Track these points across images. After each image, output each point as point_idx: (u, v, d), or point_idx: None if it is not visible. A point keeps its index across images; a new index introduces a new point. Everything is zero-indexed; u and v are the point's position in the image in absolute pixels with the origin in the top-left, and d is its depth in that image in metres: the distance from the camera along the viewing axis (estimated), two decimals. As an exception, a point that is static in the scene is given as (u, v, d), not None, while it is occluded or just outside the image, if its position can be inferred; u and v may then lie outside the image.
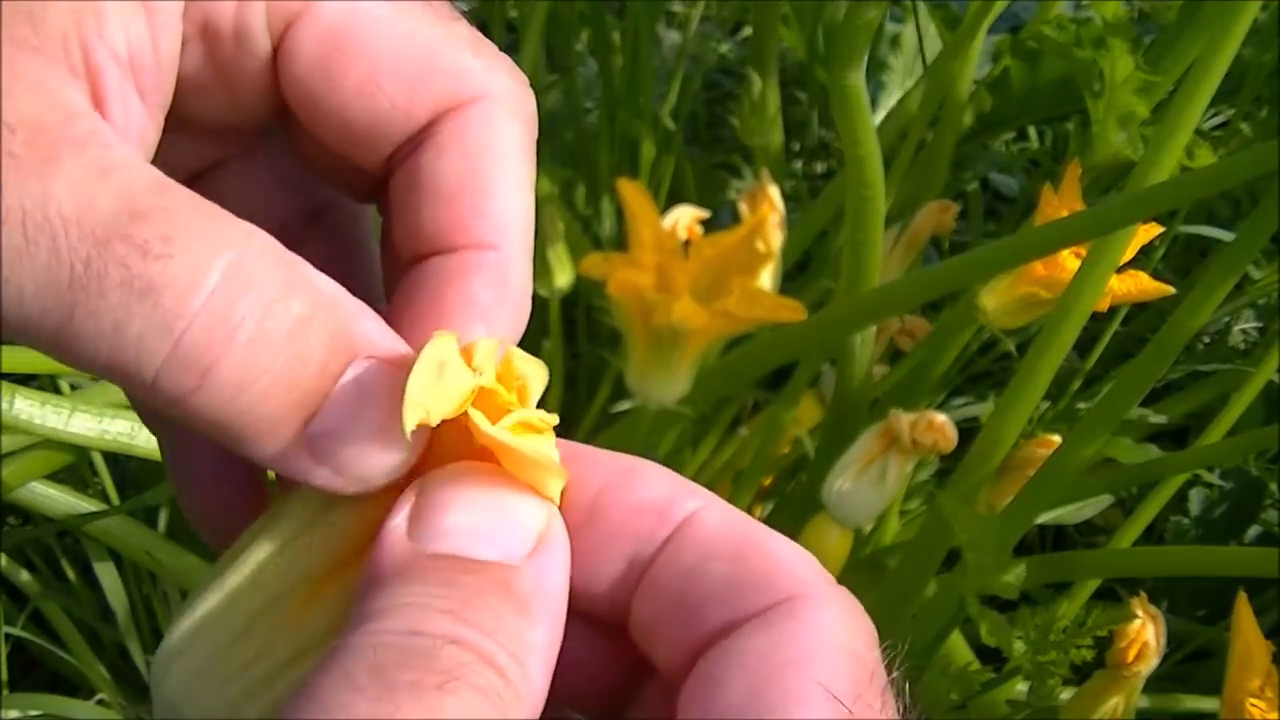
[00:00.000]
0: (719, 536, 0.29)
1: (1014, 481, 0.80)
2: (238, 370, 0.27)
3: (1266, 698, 0.67)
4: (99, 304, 0.26)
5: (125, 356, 0.26)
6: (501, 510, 0.28)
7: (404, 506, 0.29)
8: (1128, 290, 0.69)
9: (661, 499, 0.30)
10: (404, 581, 0.27)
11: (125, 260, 0.26)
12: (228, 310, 0.27)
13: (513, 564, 0.28)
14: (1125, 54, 0.72)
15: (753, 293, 0.73)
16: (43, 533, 0.88)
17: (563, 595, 0.29)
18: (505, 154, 0.32)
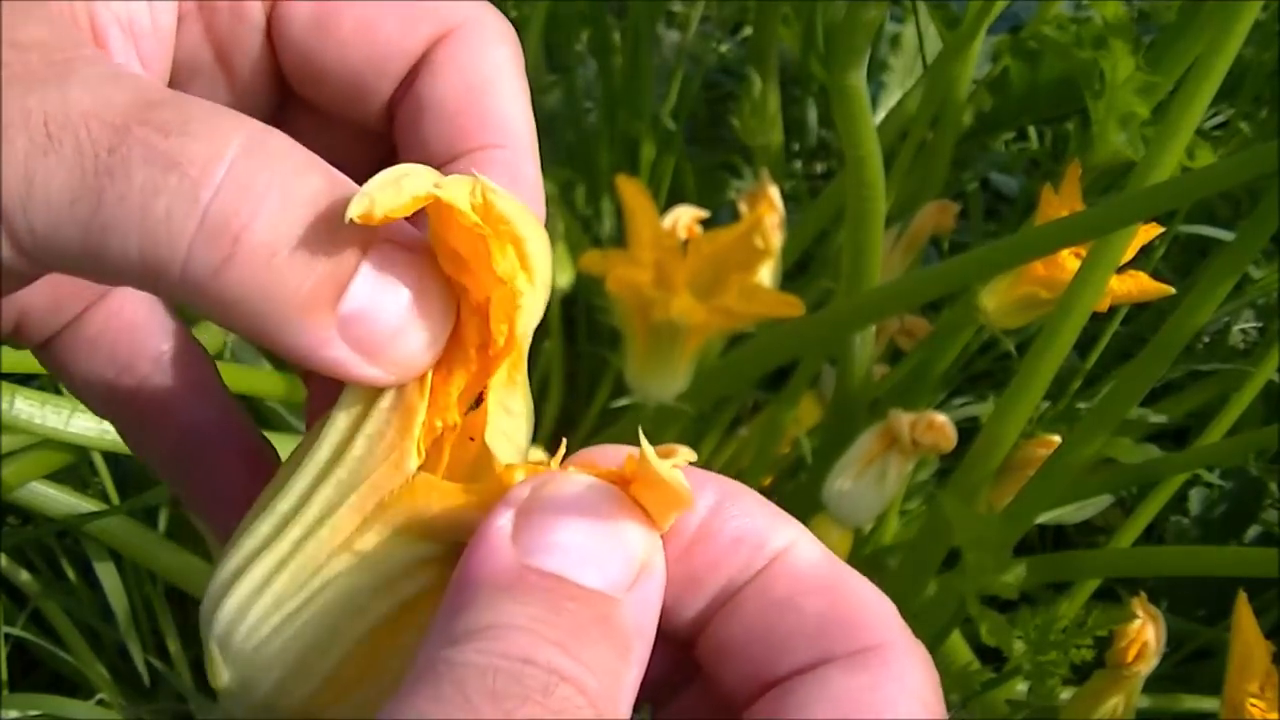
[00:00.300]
0: (811, 574, 0.30)
1: (1014, 481, 0.80)
2: (266, 236, 0.27)
3: (1266, 698, 0.67)
4: (125, 185, 0.26)
5: (156, 237, 0.26)
6: (612, 534, 0.28)
7: (508, 507, 0.28)
8: (1128, 290, 0.69)
9: (760, 530, 0.30)
10: (511, 598, 0.27)
11: (146, 140, 0.26)
12: (250, 179, 0.27)
13: (616, 596, 0.27)
14: (1126, 54, 0.72)
15: (751, 288, 0.73)
16: (43, 533, 0.88)
17: (653, 632, 0.28)
18: (499, 69, 0.32)
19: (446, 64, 0.32)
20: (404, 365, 0.29)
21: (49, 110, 0.26)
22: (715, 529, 0.30)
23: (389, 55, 0.32)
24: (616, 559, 0.28)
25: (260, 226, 0.27)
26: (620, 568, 0.28)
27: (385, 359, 0.29)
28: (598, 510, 0.28)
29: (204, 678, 0.93)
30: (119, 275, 0.27)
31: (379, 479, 0.29)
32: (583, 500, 0.28)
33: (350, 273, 0.28)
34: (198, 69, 0.33)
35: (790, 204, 0.98)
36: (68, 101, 0.26)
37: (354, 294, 0.28)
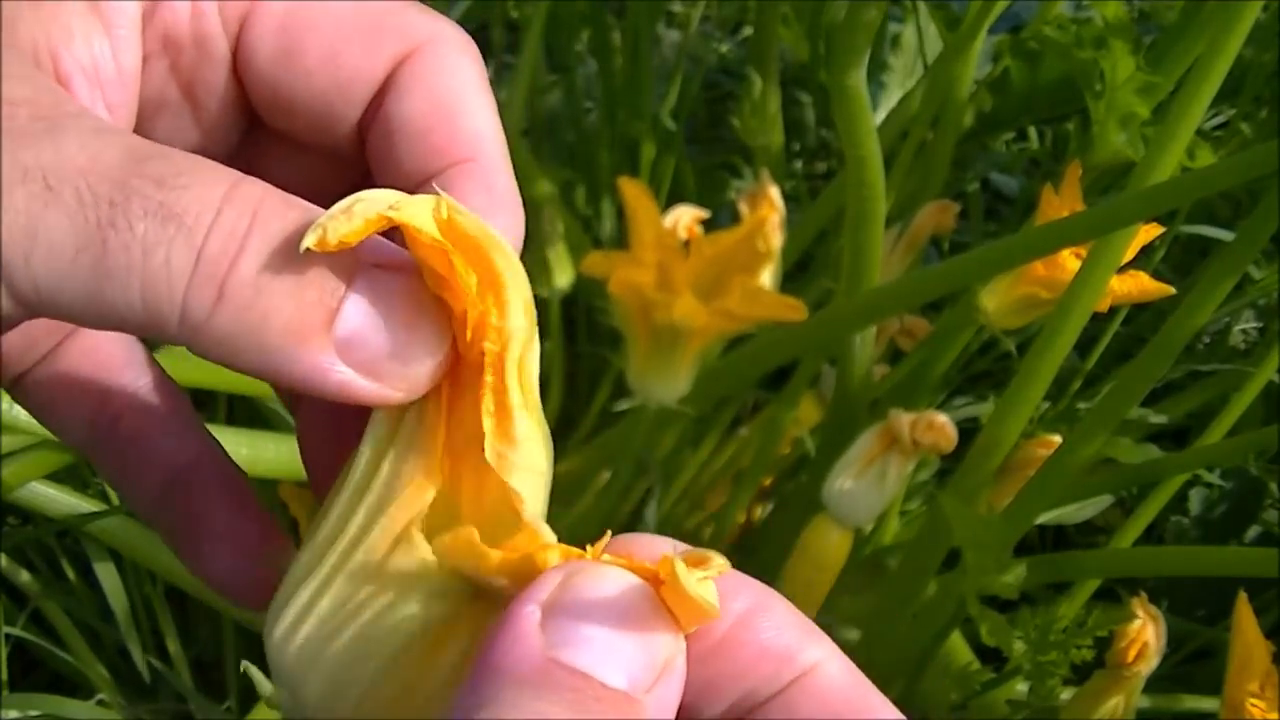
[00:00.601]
0: (838, 695, 0.30)
1: (1014, 481, 0.80)
2: (250, 273, 0.28)
3: (1266, 698, 0.67)
4: (128, 236, 0.27)
5: (157, 284, 0.27)
6: (640, 633, 0.28)
7: (540, 592, 0.28)
8: (1128, 290, 0.69)
9: (789, 645, 0.30)
10: (536, 691, 0.27)
11: (143, 192, 0.27)
12: (234, 223, 0.28)
13: (637, 698, 0.27)
14: (1126, 54, 0.72)
15: (753, 291, 0.73)
16: (43, 533, 0.88)
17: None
18: (464, 84, 0.33)
19: (412, 84, 0.33)
20: (410, 380, 0.30)
21: (45, 165, 0.27)
22: (744, 638, 0.30)
23: (355, 81, 0.33)
24: (641, 659, 0.28)
25: (244, 265, 0.28)
26: (645, 668, 0.28)
27: (389, 376, 0.29)
28: (628, 609, 0.28)
29: (204, 678, 0.94)
30: (118, 323, 0.28)
31: (406, 500, 0.30)
32: (614, 598, 0.28)
33: (339, 296, 0.29)
34: (164, 104, 0.34)
35: (790, 204, 0.98)
36: (62, 157, 0.27)
37: (347, 316, 0.29)
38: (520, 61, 1.01)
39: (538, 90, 1.13)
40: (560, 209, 0.92)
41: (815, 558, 0.78)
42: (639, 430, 0.80)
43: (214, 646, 0.92)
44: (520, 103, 1.02)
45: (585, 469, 0.91)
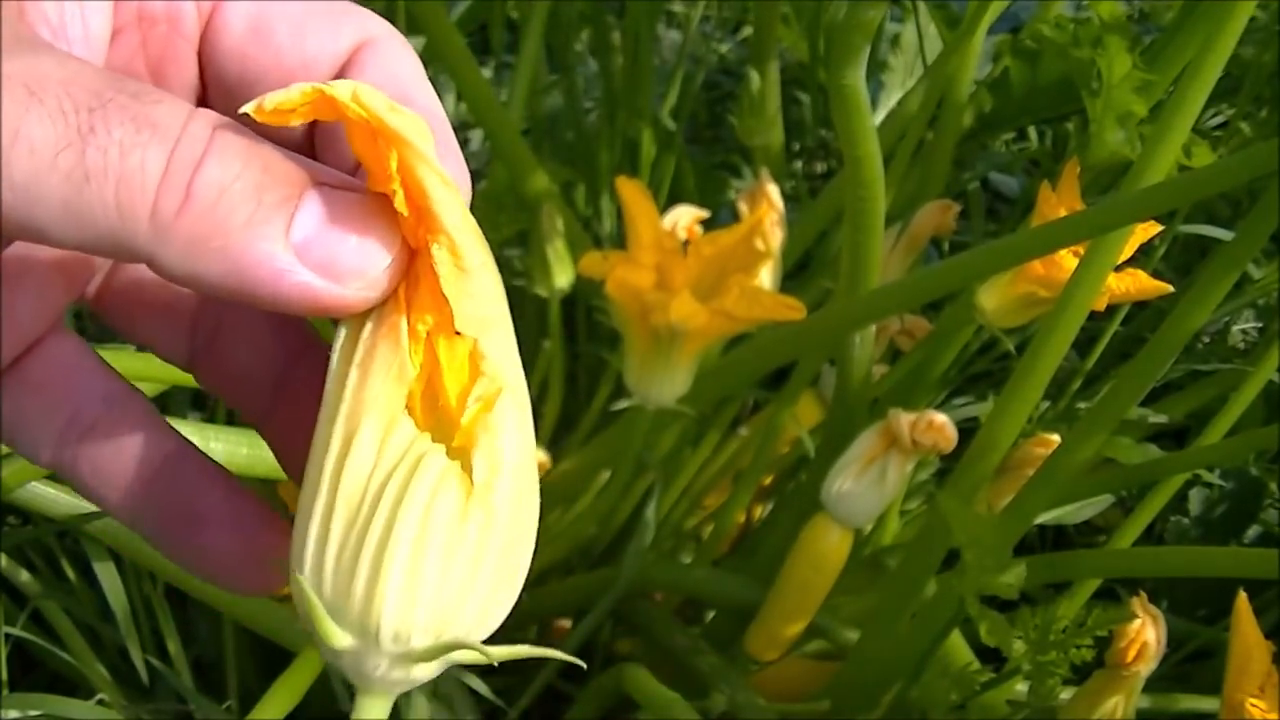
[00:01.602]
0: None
1: (1013, 481, 0.80)
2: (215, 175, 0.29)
3: (1266, 698, 0.67)
4: (106, 139, 0.28)
5: (131, 185, 0.29)
6: None
7: None
8: (1126, 289, 0.69)
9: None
10: None
11: (121, 103, 0.29)
12: (202, 130, 0.29)
13: None
14: (1122, 53, 0.72)
15: (752, 291, 0.73)
16: (43, 533, 0.88)
17: None
18: (415, 71, 0.35)
19: (371, 64, 0.35)
20: (372, 279, 0.31)
21: (24, 75, 0.28)
22: None
23: (320, 57, 0.35)
24: None
25: (209, 168, 0.29)
26: None
27: (348, 276, 0.30)
28: None
29: (204, 678, 0.93)
30: (90, 227, 0.29)
31: (384, 400, 0.31)
32: None
33: (296, 198, 0.30)
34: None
35: (790, 204, 0.98)
36: (42, 69, 0.29)
37: (303, 218, 0.30)
38: (520, 61, 1.01)
39: (538, 90, 1.13)
40: (560, 209, 0.92)
41: (815, 558, 0.78)
42: (638, 430, 0.80)
43: (214, 646, 0.92)
44: (520, 103, 1.02)
45: (585, 469, 0.91)
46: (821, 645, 0.86)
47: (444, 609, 0.31)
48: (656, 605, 0.91)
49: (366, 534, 0.30)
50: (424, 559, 0.30)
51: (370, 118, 0.30)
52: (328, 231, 0.30)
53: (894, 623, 0.77)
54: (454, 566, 0.31)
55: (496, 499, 0.31)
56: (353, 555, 0.30)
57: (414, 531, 0.30)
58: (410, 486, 0.30)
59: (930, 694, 0.75)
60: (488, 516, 0.31)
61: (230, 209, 0.29)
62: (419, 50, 1.08)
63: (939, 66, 0.88)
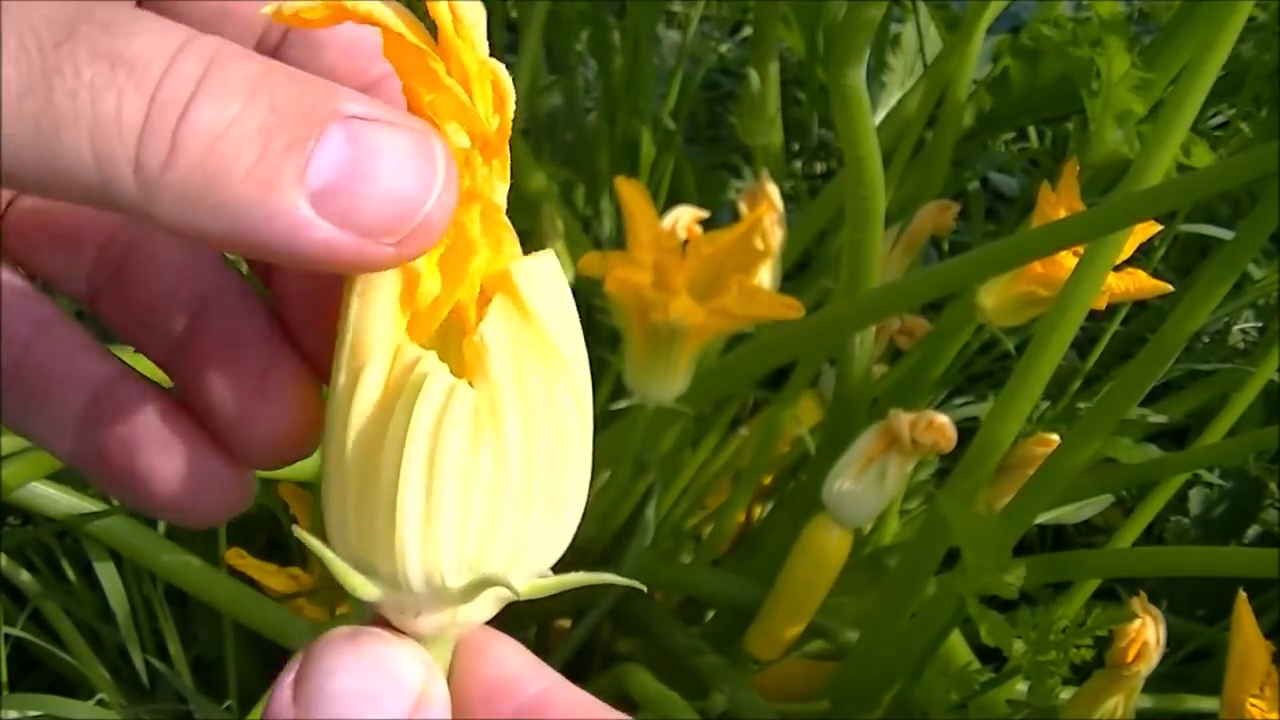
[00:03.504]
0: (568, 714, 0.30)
1: (1013, 481, 0.80)
2: (207, 117, 0.25)
3: (1266, 698, 0.67)
4: (75, 81, 0.24)
5: (108, 132, 0.25)
6: (381, 670, 0.29)
7: (289, 672, 0.29)
8: (1126, 288, 0.69)
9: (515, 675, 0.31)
10: None
11: (92, 37, 0.25)
12: (193, 66, 0.25)
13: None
14: (1121, 52, 0.72)
15: (751, 290, 0.73)
16: (43, 533, 0.88)
17: None
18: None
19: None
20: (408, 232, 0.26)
21: None
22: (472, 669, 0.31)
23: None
24: (390, 694, 0.28)
25: (198, 111, 0.25)
26: (395, 701, 0.28)
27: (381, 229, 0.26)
28: (365, 652, 0.29)
29: (204, 678, 0.93)
30: (69, 180, 0.25)
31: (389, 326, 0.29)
32: (350, 646, 0.29)
33: (312, 137, 0.25)
34: None
35: (790, 204, 0.98)
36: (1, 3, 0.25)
37: (323, 160, 0.25)
38: (520, 62, 1.01)
39: (538, 90, 1.13)
40: (560, 208, 0.92)
41: (815, 557, 0.78)
42: (638, 429, 0.80)
43: (214, 646, 0.92)
44: (520, 103, 1.01)
45: (585, 469, 0.91)
46: (821, 645, 0.86)
47: (473, 545, 0.29)
48: (656, 605, 0.91)
49: (379, 473, 0.28)
50: (439, 492, 0.28)
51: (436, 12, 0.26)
52: (352, 176, 0.26)
53: (894, 623, 0.77)
54: (472, 499, 0.28)
55: (507, 423, 0.28)
56: (370, 499, 0.29)
57: (423, 463, 0.28)
58: (415, 415, 0.28)
59: (930, 694, 0.75)
60: (499, 442, 0.28)
61: (226, 159, 0.25)
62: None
63: (939, 66, 0.88)
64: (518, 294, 0.28)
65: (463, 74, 0.27)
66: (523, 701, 0.30)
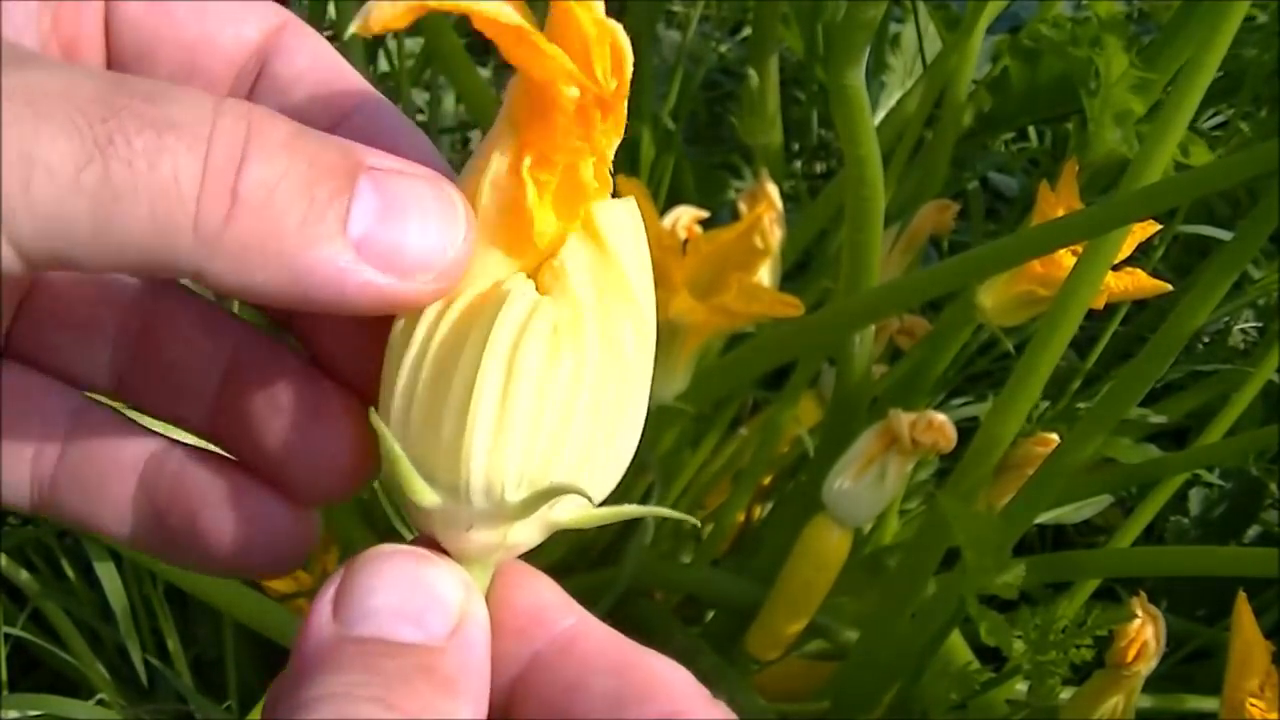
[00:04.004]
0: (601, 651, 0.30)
1: (1013, 481, 0.80)
2: (262, 174, 0.27)
3: (1266, 698, 0.67)
4: (128, 150, 0.25)
5: (167, 196, 0.26)
6: (423, 588, 0.29)
7: (330, 586, 0.29)
8: (1125, 287, 0.69)
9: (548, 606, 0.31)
10: (330, 669, 0.27)
11: (135, 109, 0.26)
12: (235, 125, 0.27)
13: (436, 645, 0.28)
14: (1119, 51, 0.72)
15: (750, 288, 0.73)
16: (43, 533, 0.88)
17: (485, 670, 0.29)
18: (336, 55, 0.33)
19: (295, 47, 0.33)
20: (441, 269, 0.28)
21: (26, 89, 0.25)
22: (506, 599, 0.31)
23: (221, 33, 0.32)
24: (431, 609, 0.28)
25: (252, 167, 0.26)
26: (438, 618, 0.28)
27: (419, 268, 0.28)
28: (406, 570, 0.29)
29: (204, 678, 0.93)
30: (124, 249, 0.26)
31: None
32: (391, 563, 0.29)
33: (349, 190, 0.27)
34: None
35: (790, 204, 0.98)
36: (40, 82, 0.25)
37: (361, 210, 0.27)
38: (520, 62, 1.01)
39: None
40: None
41: (815, 557, 0.78)
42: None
43: (214, 646, 0.92)
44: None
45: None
46: (821, 645, 0.86)
47: (537, 460, 0.29)
48: (656, 605, 0.91)
49: (453, 378, 0.28)
50: (513, 401, 0.28)
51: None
52: (387, 222, 0.28)
53: (894, 623, 0.77)
54: (544, 413, 0.29)
55: (586, 342, 0.29)
56: (438, 408, 0.29)
57: (500, 372, 0.28)
58: (497, 324, 0.28)
59: (930, 694, 0.75)
60: (576, 360, 0.29)
61: (283, 210, 0.27)
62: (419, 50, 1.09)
63: (938, 66, 0.88)
64: (596, 228, 0.29)
65: (581, 37, 0.28)
66: (556, 634, 0.30)
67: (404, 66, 0.99)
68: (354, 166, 0.28)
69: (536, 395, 0.28)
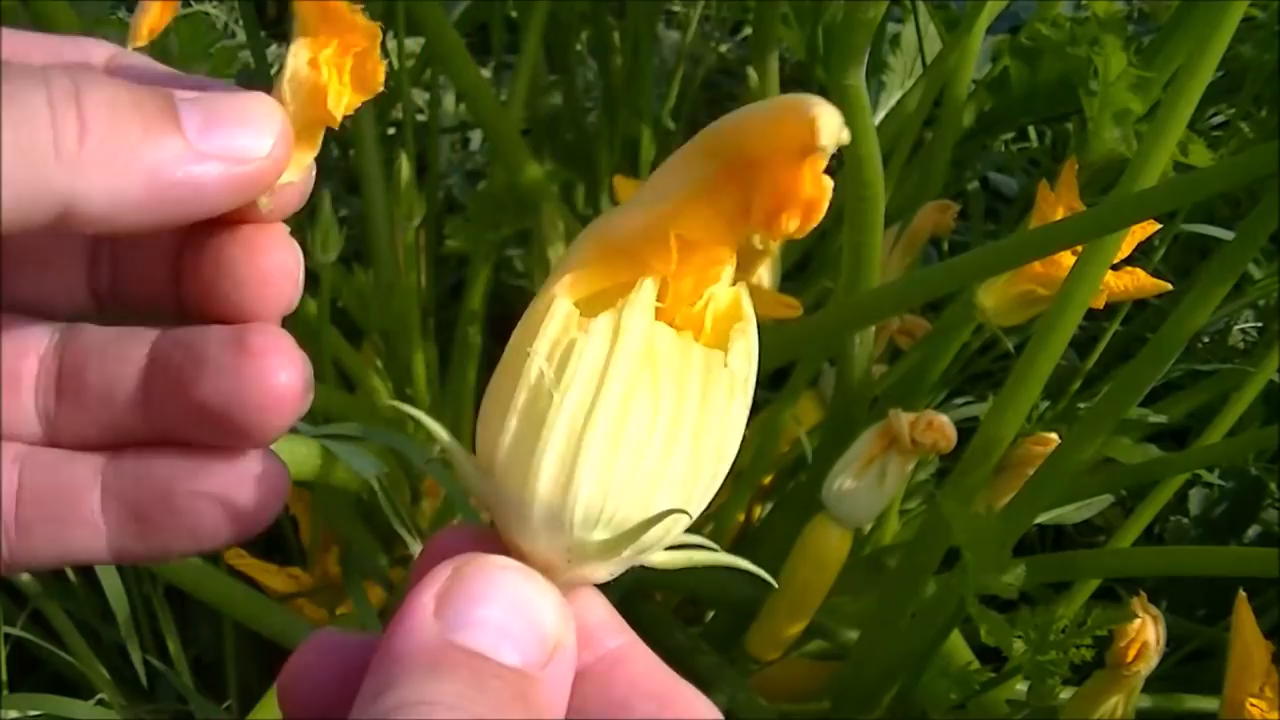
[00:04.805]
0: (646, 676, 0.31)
1: (1013, 481, 0.80)
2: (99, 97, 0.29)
3: (1266, 698, 0.67)
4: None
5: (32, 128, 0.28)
6: (529, 611, 0.29)
7: (434, 583, 0.29)
8: (1125, 287, 0.69)
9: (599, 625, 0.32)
10: (435, 675, 0.28)
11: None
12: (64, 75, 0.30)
13: (533, 674, 0.29)
14: (1118, 50, 0.72)
15: (749, 289, 0.73)
16: (43, 533, 0.87)
17: (564, 708, 0.30)
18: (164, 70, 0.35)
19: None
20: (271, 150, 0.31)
21: None
22: None
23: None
24: (534, 635, 0.29)
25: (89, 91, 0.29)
26: (537, 646, 0.29)
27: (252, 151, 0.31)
28: (516, 594, 0.29)
29: (204, 678, 0.93)
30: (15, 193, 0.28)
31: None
32: (502, 579, 0.29)
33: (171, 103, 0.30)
34: None
35: (790, 204, 0.98)
36: None
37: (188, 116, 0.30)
38: (520, 61, 1.01)
39: (538, 90, 1.13)
40: (560, 208, 0.92)
41: (815, 557, 0.78)
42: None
43: (214, 646, 0.92)
44: (520, 103, 1.02)
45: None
46: (821, 645, 0.86)
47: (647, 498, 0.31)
48: (656, 605, 0.91)
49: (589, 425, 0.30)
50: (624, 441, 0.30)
51: None
52: (214, 121, 0.31)
53: (894, 623, 0.77)
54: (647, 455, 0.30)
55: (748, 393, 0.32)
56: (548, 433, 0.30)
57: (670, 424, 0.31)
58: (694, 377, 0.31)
59: (930, 694, 0.75)
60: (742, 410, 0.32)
61: (126, 123, 0.30)
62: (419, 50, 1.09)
63: (938, 66, 0.88)
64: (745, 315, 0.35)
65: None
66: (604, 653, 0.31)
67: (404, 66, 0.99)
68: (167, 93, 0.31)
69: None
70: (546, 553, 0.31)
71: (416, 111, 1.27)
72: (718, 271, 0.33)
